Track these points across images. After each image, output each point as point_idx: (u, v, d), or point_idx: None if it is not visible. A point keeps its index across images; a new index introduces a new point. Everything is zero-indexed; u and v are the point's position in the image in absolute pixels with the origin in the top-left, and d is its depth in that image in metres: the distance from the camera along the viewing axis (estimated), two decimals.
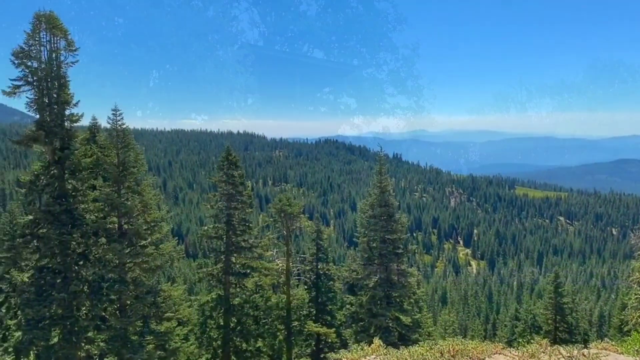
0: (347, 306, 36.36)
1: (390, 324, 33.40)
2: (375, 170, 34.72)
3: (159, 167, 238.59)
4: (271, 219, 35.90)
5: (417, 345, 9.19)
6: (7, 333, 29.88)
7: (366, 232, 34.34)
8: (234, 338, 33.28)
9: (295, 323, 36.11)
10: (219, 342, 33.27)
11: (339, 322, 38.08)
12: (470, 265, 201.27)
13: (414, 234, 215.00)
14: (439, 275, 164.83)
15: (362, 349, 10.20)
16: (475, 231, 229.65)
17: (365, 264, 34.21)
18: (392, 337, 31.81)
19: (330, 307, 38.97)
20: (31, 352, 23.38)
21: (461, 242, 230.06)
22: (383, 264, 33.63)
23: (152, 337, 27.26)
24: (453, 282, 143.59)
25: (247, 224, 33.08)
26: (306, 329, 36.22)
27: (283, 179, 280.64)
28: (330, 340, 36.80)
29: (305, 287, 38.47)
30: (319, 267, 38.58)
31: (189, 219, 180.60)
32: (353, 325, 35.40)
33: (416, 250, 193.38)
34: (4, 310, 31.58)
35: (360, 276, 34.38)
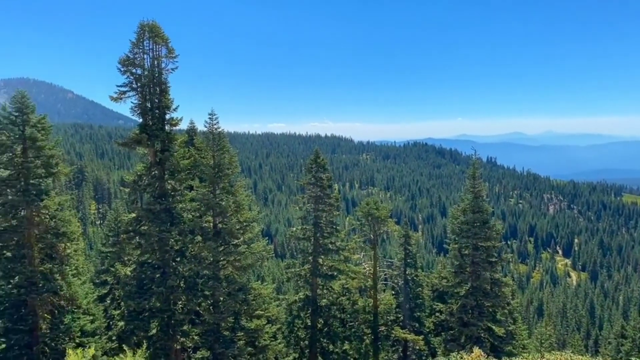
0: (436, 314, 35.25)
1: (482, 334, 31.94)
2: (468, 174, 33.38)
3: (250, 169, 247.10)
4: (358, 223, 35.70)
5: (519, 357, 8.57)
6: (111, 322, 32.13)
7: (457, 238, 33.09)
8: (321, 339, 33.44)
9: (382, 328, 35.62)
10: (306, 342, 33.59)
11: (427, 330, 37.05)
12: (570, 277, 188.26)
13: (509, 242, 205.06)
14: (535, 286, 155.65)
15: (461, 357, 9.73)
16: (575, 240, 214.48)
17: (456, 272, 32.97)
18: (483, 348, 30.24)
19: (418, 313, 38.03)
20: (142, 341, 24.90)
21: (560, 252, 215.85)
22: (475, 272, 32.23)
23: (242, 334, 28.04)
24: (550, 293, 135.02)
25: (334, 227, 33.15)
26: (393, 335, 35.60)
27: (370, 182, 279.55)
28: (418, 348, 35.91)
29: (393, 292, 37.83)
30: (407, 272, 37.79)
31: (278, 220, 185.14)
32: (442, 333, 34.26)
33: (511, 259, 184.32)
34: (108, 301, 34.07)
35: (450, 284, 33.20)
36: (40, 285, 24.09)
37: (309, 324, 33.55)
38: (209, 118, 27.65)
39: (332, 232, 32.92)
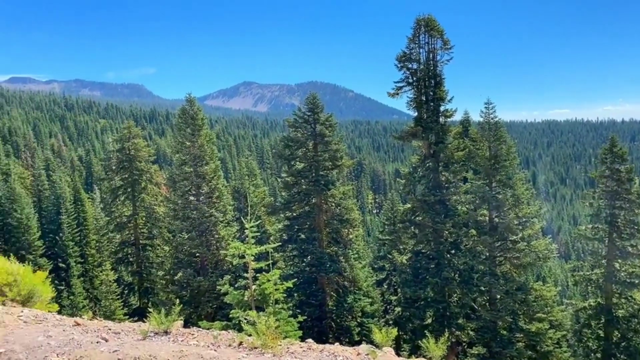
0: None
1: None
2: None
3: (528, 160, 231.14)
4: None
5: None
6: (388, 307, 33.96)
7: None
8: (617, 354, 28.96)
9: None
10: (597, 355, 29.59)
11: None
12: None
13: None
14: None
15: None
16: None
17: None
18: None
19: None
20: (418, 329, 25.79)
21: None
22: None
23: (522, 335, 26.39)
24: None
25: (635, 227, 28.26)
26: None
27: None
28: None
29: None
30: None
31: (561, 216, 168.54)
32: None
33: None
34: (385, 286, 36.12)
35: None
36: (328, 265, 27.05)
37: (602, 335, 29.42)
38: (485, 107, 26.66)
39: (632, 233, 28.11)
